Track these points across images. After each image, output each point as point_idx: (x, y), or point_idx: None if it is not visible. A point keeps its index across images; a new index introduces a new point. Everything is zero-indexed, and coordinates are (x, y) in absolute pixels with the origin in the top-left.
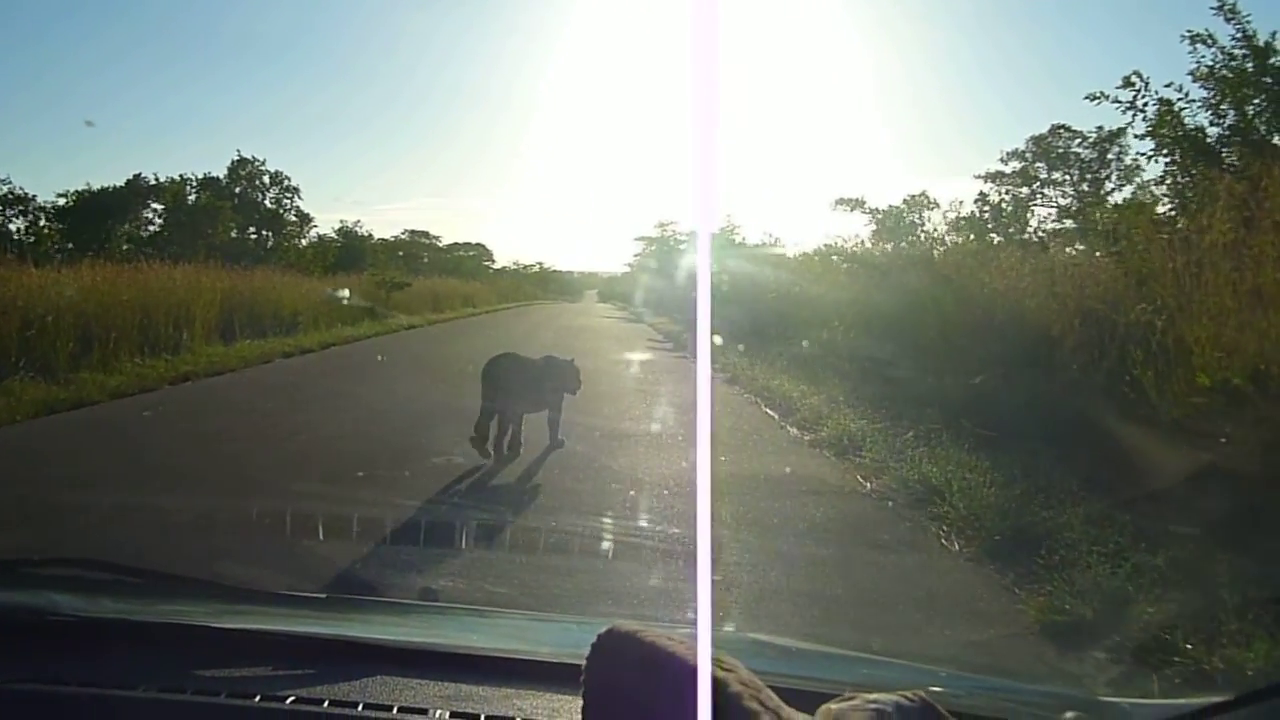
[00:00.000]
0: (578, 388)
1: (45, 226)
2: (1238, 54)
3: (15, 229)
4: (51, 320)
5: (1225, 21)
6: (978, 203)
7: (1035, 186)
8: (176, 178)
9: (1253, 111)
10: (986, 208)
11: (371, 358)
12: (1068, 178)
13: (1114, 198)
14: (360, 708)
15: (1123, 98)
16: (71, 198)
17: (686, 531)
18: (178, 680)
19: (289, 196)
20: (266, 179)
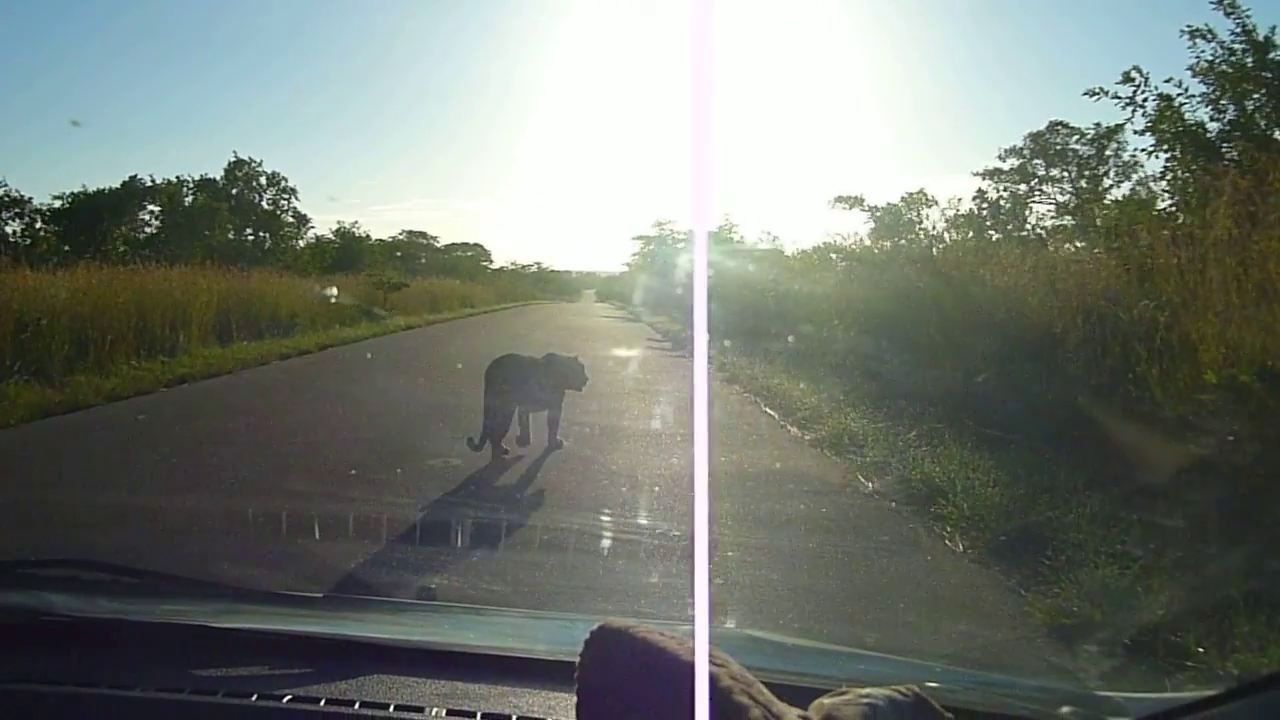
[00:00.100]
0: (584, 382)
1: (41, 229)
2: (1237, 49)
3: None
4: (46, 323)
5: (1225, 16)
6: (976, 200)
7: (1033, 183)
8: (173, 179)
9: (1252, 106)
10: (985, 205)
11: (370, 360)
12: (1066, 174)
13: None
14: (357, 706)
15: (1122, 93)
16: (67, 200)
17: (684, 529)
18: (175, 680)
19: (286, 197)
20: (263, 180)
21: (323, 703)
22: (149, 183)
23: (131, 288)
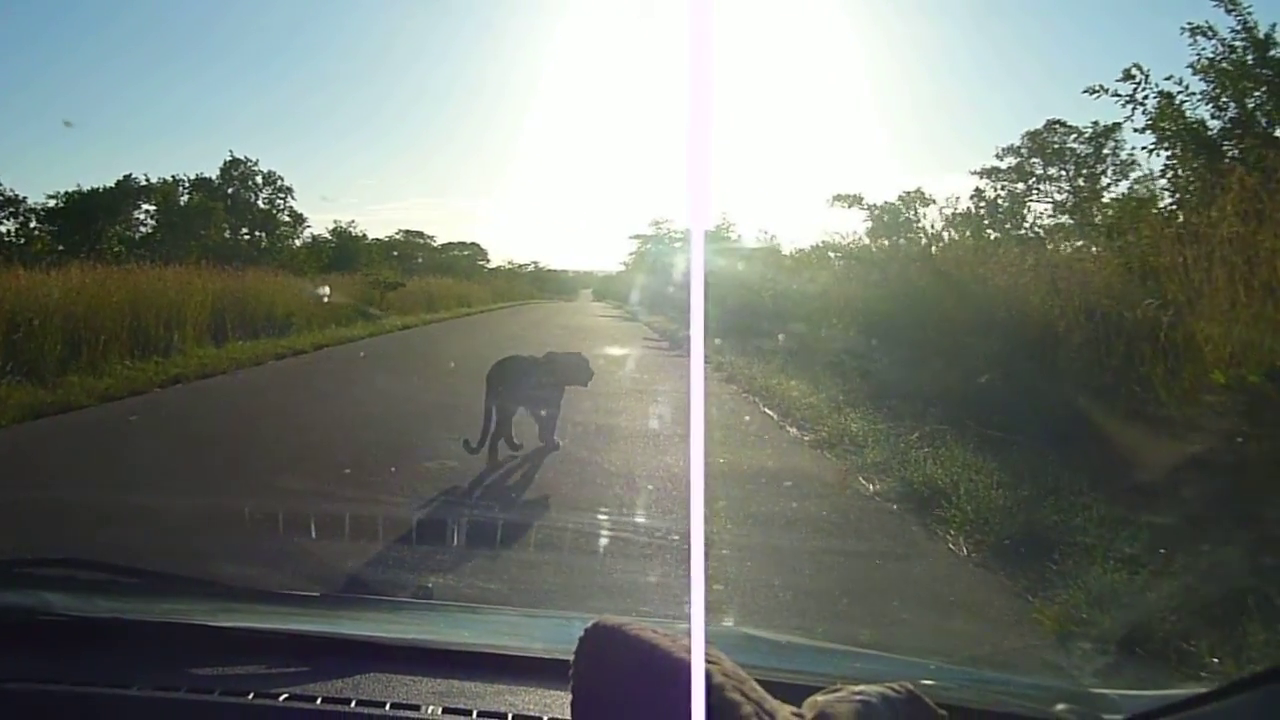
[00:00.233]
0: (590, 377)
1: (36, 228)
2: (1238, 46)
3: (5, 231)
4: (39, 323)
5: (1226, 13)
6: (974, 199)
7: (1031, 182)
8: (168, 178)
9: (1253, 104)
10: (982, 204)
11: (366, 360)
12: (1063, 173)
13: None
14: (353, 704)
15: (1122, 91)
16: (62, 199)
17: (680, 529)
18: (171, 679)
19: (282, 197)
20: (259, 179)
21: (319, 701)
22: (144, 182)
23: (125, 287)
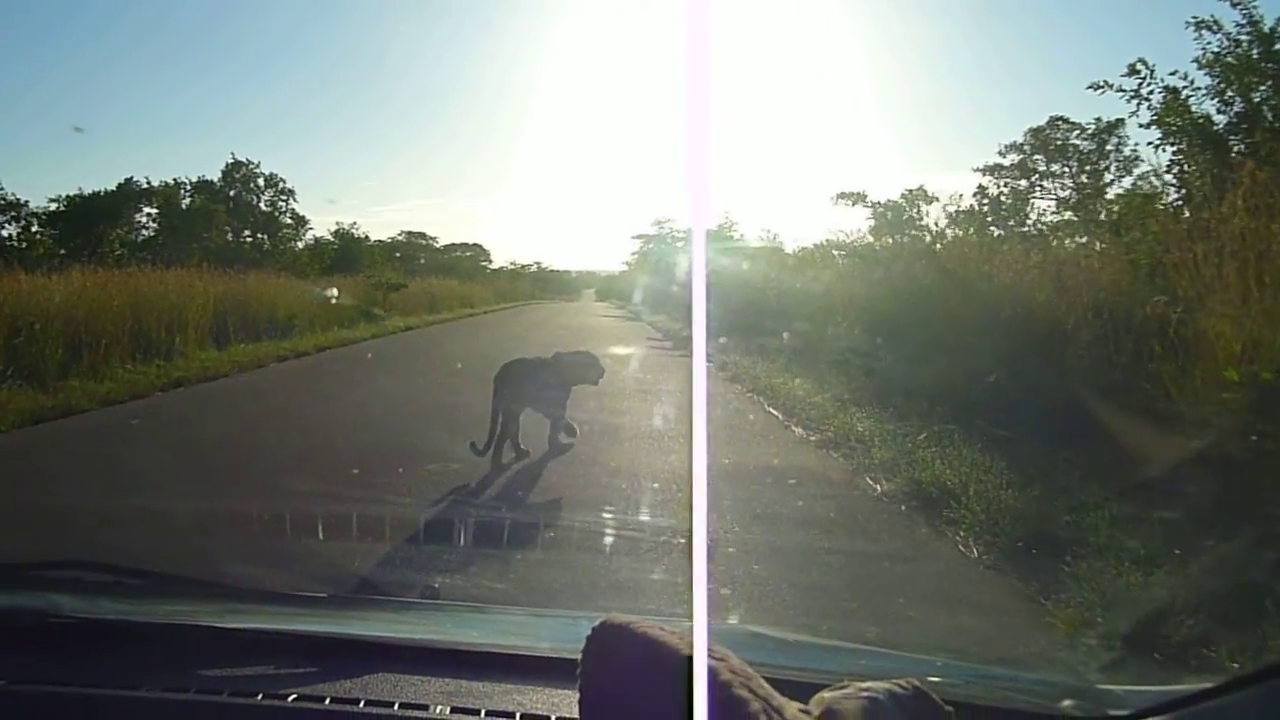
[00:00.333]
0: (600, 375)
1: (37, 232)
2: (1243, 40)
3: (7, 235)
4: (40, 327)
5: (1231, 7)
6: (977, 196)
7: (1034, 179)
8: (170, 181)
9: (1259, 99)
10: (986, 201)
11: (370, 361)
12: (1066, 170)
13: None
14: (362, 704)
15: (1127, 86)
16: (63, 203)
17: (686, 527)
18: (180, 680)
19: (284, 199)
20: (261, 182)
21: (328, 701)
22: (145, 185)
23: (127, 290)
